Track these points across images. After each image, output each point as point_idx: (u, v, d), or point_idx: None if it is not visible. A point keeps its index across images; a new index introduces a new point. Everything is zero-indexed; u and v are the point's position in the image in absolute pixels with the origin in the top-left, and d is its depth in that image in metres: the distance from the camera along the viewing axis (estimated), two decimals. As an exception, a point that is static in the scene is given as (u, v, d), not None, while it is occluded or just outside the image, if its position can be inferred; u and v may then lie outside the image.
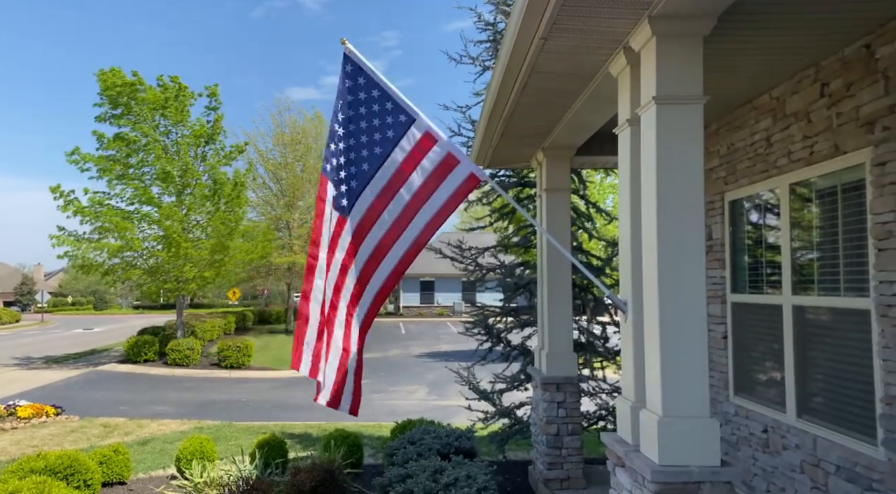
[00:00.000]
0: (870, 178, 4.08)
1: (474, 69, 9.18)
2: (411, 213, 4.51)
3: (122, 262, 20.58)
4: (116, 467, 7.12)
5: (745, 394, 5.77)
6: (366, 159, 4.60)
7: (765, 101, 5.30)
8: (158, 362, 20.12)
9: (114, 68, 19.56)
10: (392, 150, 4.52)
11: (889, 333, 3.91)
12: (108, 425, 11.19)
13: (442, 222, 4.51)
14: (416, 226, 4.51)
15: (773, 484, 5.21)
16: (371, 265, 4.66)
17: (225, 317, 29.22)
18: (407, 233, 4.53)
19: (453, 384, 11.83)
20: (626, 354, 3.91)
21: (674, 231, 3.34)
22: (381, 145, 4.56)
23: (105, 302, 68.16)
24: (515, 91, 4.75)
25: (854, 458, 4.22)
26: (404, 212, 4.53)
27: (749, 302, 5.72)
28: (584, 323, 8.64)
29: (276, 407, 13.45)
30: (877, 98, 4.00)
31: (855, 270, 4.31)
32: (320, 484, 5.96)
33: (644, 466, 3.27)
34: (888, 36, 3.90)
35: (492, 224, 9.41)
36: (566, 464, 6.43)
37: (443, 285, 46.49)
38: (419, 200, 4.50)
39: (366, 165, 4.59)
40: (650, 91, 3.41)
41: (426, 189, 4.48)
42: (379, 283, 4.71)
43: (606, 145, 6.85)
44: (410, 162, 4.50)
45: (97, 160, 19.58)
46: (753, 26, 3.87)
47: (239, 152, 22.10)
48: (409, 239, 4.53)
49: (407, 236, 4.54)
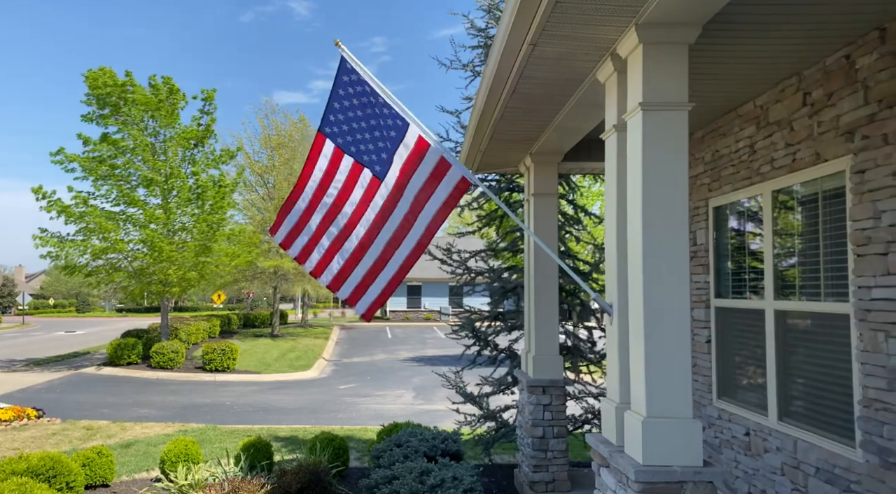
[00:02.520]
0: (850, 186, 4.18)
1: (465, 74, 9.27)
2: (414, 214, 4.63)
3: (105, 264, 20.39)
4: (100, 469, 7.05)
5: (728, 398, 5.84)
6: (376, 162, 4.78)
7: (749, 109, 5.40)
8: (142, 365, 19.93)
9: (103, 68, 19.34)
10: (394, 154, 4.67)
11: (867, 337, 4.00)
12: (91, 428, 11.07)
13: (438, 226, 4.63)
14: (419, 228, 4.63)
15: (754, 486, 5.28)
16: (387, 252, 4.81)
17: (210, 320, 29.01)
18: (411, 233, 4.67)
19: (439, 388, 11.85)
20: (611, 356, 3.96)
21: (659, 236, 3.40)
22: (385, 150, 4.72)
23: (88, 305, 67.38)
24: (504, 96, 4.81)
25: (833, 460, 4.30)
26: (410, 211, 4.66)
27: (732, 307, 5.81)
28: (571, 328, 8.70)
29: (262, 410, 13.39)
30: (856, 107, 4.10)
31: (835, 276, 4.40)
32: (306, 486, 5.95)
33: (628, 466, 3.32)
34: (868, 47, 4.00)
35: (480, 229, 9.46)
36: (551, 467, 6.47)
37: (430, 290, 46.50)
38: (418, 204, 4.62)
39: (384, 154, 4.74)
40: (637, 97, 3.47)
41: (424, 193, 4.60)
42: (380, 288, 4.81)
43: (594, 151, 6.93)
44: (409, 166, 4.62)
45: (82, 160, 19.40)
46: (737, 35, 3.95)
47: (230, 157, 21.96)
48: (413, 239, 4.66)
49: (411, 236, 4.67)
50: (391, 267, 4.77)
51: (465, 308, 9.37)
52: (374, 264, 4.82)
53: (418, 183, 4.58)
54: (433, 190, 4.54)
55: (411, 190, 4.61)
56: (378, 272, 4.82)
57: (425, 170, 4.55)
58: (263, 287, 36.68)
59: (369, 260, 4.84)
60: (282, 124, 34.07)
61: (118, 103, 19.46)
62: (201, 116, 20.81)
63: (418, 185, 4.58)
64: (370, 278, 4.86)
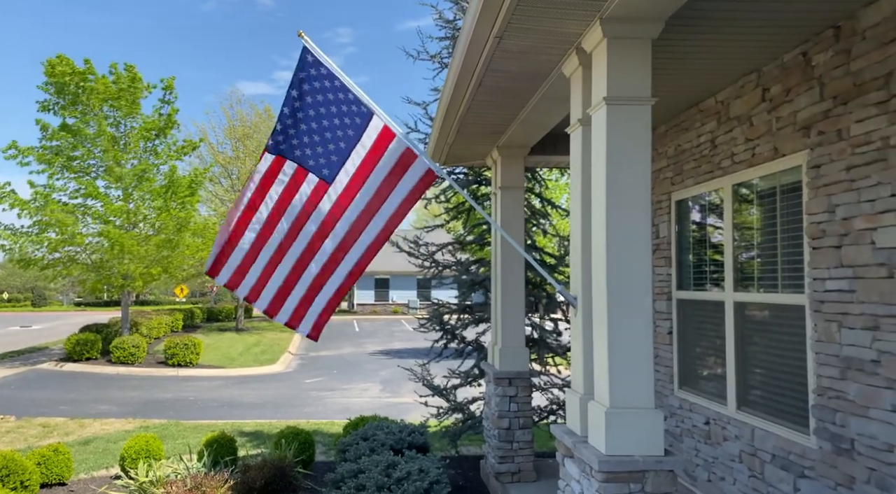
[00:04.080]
0: (806, 180, 4.29)
1: (433, 66, 9.24)
2: (374, 208, 4.51)
3: (63, 256, 19.79)
4: (56, 467, 6.86)
5: (689, 388, 5.97)
6: (333, 151, 4.56)
7: (710, 105, 5.50)
8: (102, 360, 19.44)
9: (61, 55, 18.71)
10: (356, 144, 4.50)
11: (822, 327, 4.12)
12: (48, 425, 10.76)
13: (401, 218, 4.53)
14: (378, 222, 4.51)
15: (713, 474, 5.41)
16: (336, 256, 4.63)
17: (172, 315, 28.44)
18: (370, 228, 4.52)
19: (407, 381, 11.85)
20: (575, 348, 4.00)
21: (622, 229, 3.45)
22: (345, 140, 4.53)
23: (44, 299, 65.39)
24: (471, 89, 4.81)
25: (788, 447, 4.44)
26: (368, 207, 4.51)
27: (694, 299, 5.93)
28: (538, 320, 8.77)
29: (226, 405, 13.20)
30: (813, 103, 4.21)
31: (792, 268, 4.53)
32: (271, 481, 5.89)
33: (592, 456, 3.37)
34: (823, 44, 4.11)
35: (448, 222, 9.46)
36: (517, 458, 6.53)
37: (398, 283, 46.41)
38: (380, 195, 4.49)
39: (334, 157, 4.56)
40: (601, 92, 3.50)
41: (387, 184, 4.48)
42: (339, 279, 4.68)
43: (560, 145, 6.98)
44: (372, 156, 4.49)
45: (38, 154, 18.77)
46: (698, 31, 4.02)
47: (192, 148, 21.48)
48: (372, 234, 4.52)
49: (370, 231, 4.53)
50: (339, 274, 4.59)
51: (433, 301, 9.37)
52: (317, 277, 4.59)
53: (381, 175, 4.46)
54: (397, 181, 4.44)
55: (372, 183, 4.49)
56: (321, 284, 4.62)
57: (389, 161, 4.44)
58: (228, 280, 36.04)
59: (309, 277, 4.60)
60: (247, 114, 33.53)
61: (77, 92, 18.86)
62: (162, 106, 20.31)
63: (381, 177, 4.47)
64: (313, 293, 4.62)
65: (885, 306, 3.61)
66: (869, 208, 3.74)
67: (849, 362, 3.88)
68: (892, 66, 3.59)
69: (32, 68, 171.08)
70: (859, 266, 3.81)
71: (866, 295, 3.75)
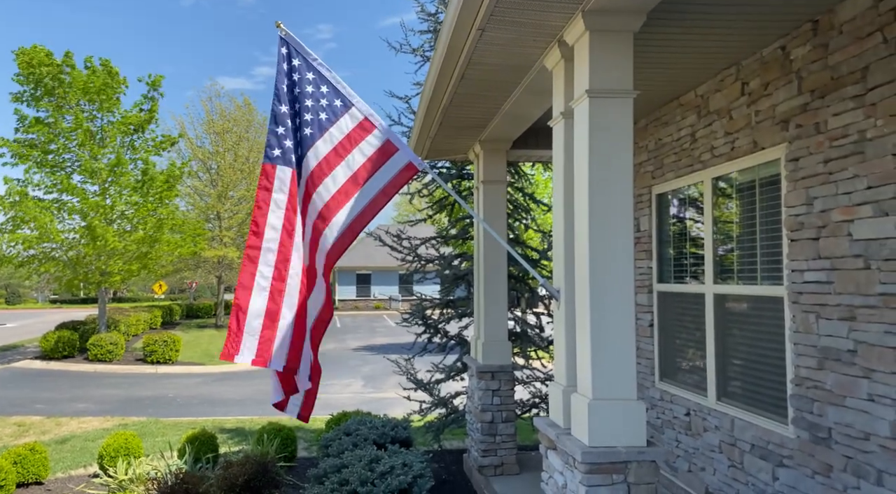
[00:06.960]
0: (784, 173, 4.34)
1: (415, 59, 9.18)
2: (347, 197, 4.35)
3: (38, 253, 19.41)
4: (32, 466, 6.75)
5: (670, 380, 6.03)
6: (310, 136, 4.40)
7: (690, 98, 5.54)
8: (79, 358, 19.14)
9: (36, 46, 18.23)
10: (331, 127, 4.35)
11: (799, 318, 4.18)
12: (23, 424, 10.57)
13: (377, 210, 4.40)
14: (352, 212, 4.35)
15: (694, 464, 5.48)
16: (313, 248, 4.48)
17: (151, 311, 28.09)
18: (341, 218, 4.34)
19: (389, 376, 11.82)
20: (558, 340, 4.02)
21: (604, 222, 3.46)
22: (324, 124, 4.38)
23: (19, 296, 64.23)
24: (453, 82, 4.78)
25: (767, 437, 4.50)
26: (341, 191, 4.34)
27: (674, 292, 5.98)
28: (520, 314, 8.80)
29: (206, 402, 13.07)
30: (791, 97, 4.25)
31: (771, 260, 4.58)
32: (253, 478, 5.85)
33: (575, 448, 3.38)
34: (801, 38, 4.15)
35: (430, 216, 9.44)
36: (500, 451, 6.55)
37: (379, 278, 46.23)
38: (355, 184, 4.34)
39: (304, 144, 4.41)
40: (583, 84, 3.51)
41: (363, 172, 4.35)
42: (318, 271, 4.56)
43: (541, 139, 6.99)
44: (349, 142, 4.37)
45: (13, 146, 18.35)
46: (679, 24, 4.03)
47: (171, 144, 21.17)
48: (344, 224, 4.35)
49: (342, 221, 4.35)
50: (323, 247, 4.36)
51: (415, 295, 9.35)
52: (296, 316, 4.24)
53: (355, 166, 4.34)
54: (374, 172, 4.32)
55: (346, 173, 4.34)
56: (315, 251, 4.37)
57: (368, 151, 4.34)
58: (207, 276, 35.79)
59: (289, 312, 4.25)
60: (227, 108, 33.14)
61: (52, 85, 18.46)
62: (144, 102, 19.99)
63: (355, 168, 4.34)
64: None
65: (862, 297, 3.67)
66: (846, 200, 3.79)
67: (826, 352, 3.94)
68: (868, 60, 3.63)
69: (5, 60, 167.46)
70: (837, 257, 3.87)
71: (843, 286, 3.81)
